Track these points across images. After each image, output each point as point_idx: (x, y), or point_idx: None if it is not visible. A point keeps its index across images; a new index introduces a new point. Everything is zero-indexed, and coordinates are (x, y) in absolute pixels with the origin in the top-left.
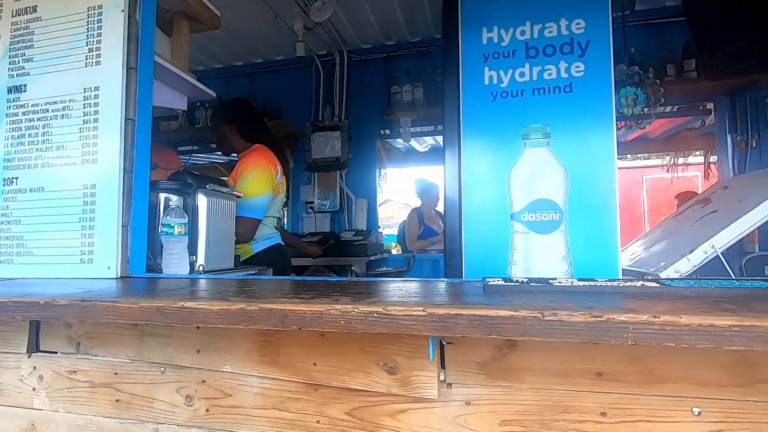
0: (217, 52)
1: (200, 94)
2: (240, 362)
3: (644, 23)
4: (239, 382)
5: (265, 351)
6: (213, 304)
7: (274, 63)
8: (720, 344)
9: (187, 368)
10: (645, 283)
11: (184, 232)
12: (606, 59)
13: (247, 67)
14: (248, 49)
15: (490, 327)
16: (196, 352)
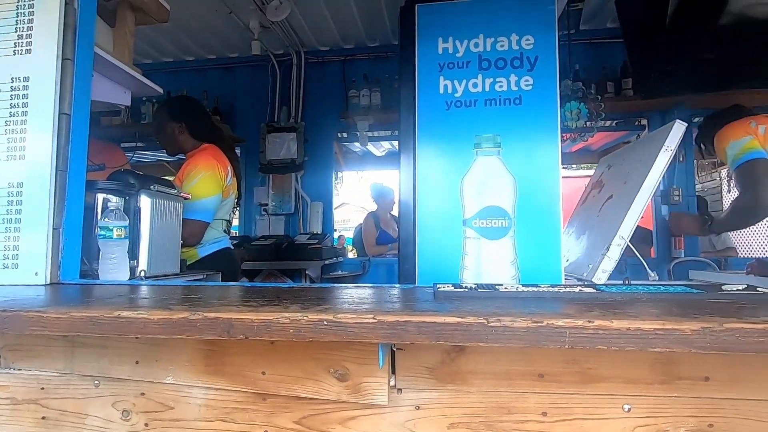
0: (166, 46)
1: (145, 90)
2: (183, 373)
3: (588, 42)
4: (182, 393)
5: (211, 360)
6: (153, 313)
7: (228, 60)
8: (645, 346)
9: (124, 381)
10: (583, 289)
11: (124, 236)
12: (552, 75)
13: (198, 63)
14: (200, 45)
15: (438, 333)
16: (135, 364)
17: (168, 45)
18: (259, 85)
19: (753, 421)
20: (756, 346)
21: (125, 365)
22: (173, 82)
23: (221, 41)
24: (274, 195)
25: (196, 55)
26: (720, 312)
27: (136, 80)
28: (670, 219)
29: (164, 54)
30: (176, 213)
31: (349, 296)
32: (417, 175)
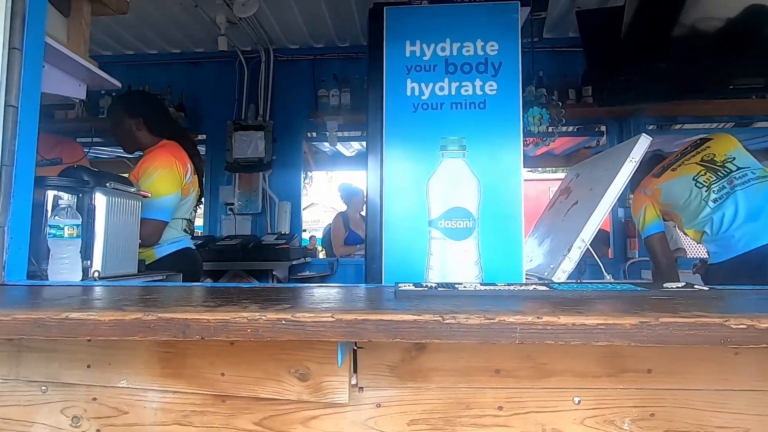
0: (127, 38)
1: (102, 83)
2: (138, 376)
3: (551, 50)
4: (137, 397)
5: (167, 363)
6: (104, 314)
7: (194, 55)
8: (589, 340)
9: (74, 385)
10: (537, 287)
11: (76, 235)
12: (515, 80)
13: (162, 57)
14: (164, 38)
15: (395, 331)
16: (87, 368)
17: (129, 37)
18: (226, 82)
19: (690, 410)
20: (687, 338)
21: (76, 369)
22: (135, 75)
23: (186, 35)
24: (241, 194)
25: (159, 48)
26: (658, 308)
27: (91, 73)
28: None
29: (125, 46)
30: (134, 211)
31: (310, 296)
32: (384, 176)
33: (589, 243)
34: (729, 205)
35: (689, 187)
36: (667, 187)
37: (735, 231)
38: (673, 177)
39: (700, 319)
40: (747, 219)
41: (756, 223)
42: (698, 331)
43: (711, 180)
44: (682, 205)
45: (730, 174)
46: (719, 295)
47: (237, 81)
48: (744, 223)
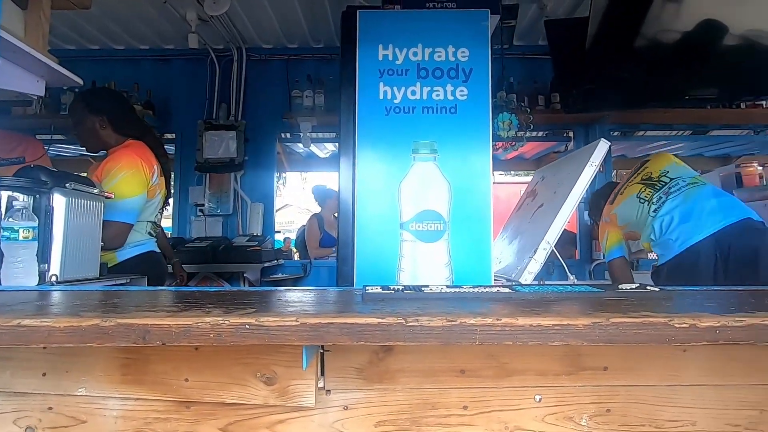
0: (91, 32)
1: (62, 79)
2: (97, 384)
3: (521, 57)
4: (96, 405)
5: (129, 369)
6: (59, 320)
7: (164, 52)
8: (545, 341)
9: (29, 395)
10: (500, 289)
11: (32, 238)
12: (485, 86)
13: (130, 53)
14: (131, 34)
15: (359, 334)
16: (42, 376)
17: (93, 31)
18: (197, 80)
19: (643, 405)
20: (635, 337)
21: (30, 378)
22: (101, 71)
23: (155, 32)
24: (212, 195)
25: (126, 44)
26: (611, 308)
27: (51, 69)
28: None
29: (90, 41)
30: (96, 213)
31: (277, 299)
32: (356, 179)
33: (554, 244)
34: (665, 211)
35: (635, 204)
36: (620, 210)
37: (672, 233)
38: (622, 200)
39: (647, 319)
40: (681, 221)
41: (688, 224)
42: (645, 330)
43: (650, 194)
44: (635, 222)
45: (665, 185)
46: (668, 295)
47: (208, 79)
48: (678, 225)
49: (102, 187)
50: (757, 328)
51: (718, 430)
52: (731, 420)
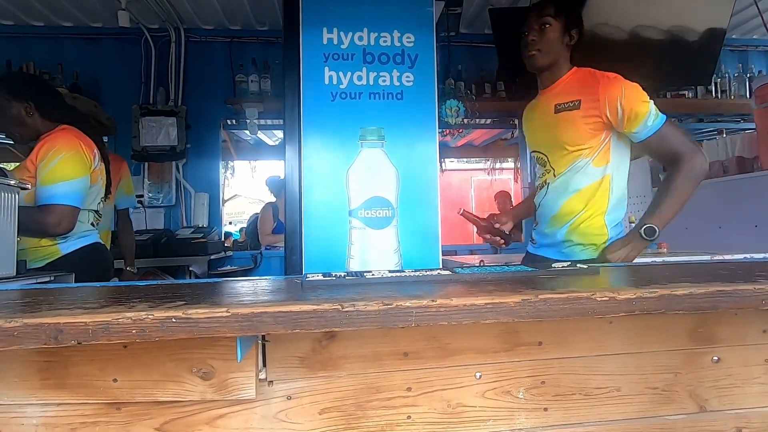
0: (3, 5)
1: None
2: (12, 391)
3: (469, 45)
4: (13, 414)
5: (48, 373)
6: None
7: (91, 30)
8: (478, 319)
9: None
10: (441, 272)
11: None
12: (431, 72)
13: (51, 30)
14: (51, 9)
15: (294, 322)
16: None
17: (5, 4)
18: (130, 62)
19: (574, 375)
20: (561, 311)
21: None
22: (17, 50)
23: (78, 7)
24: (151, 185)
25: (46, 21)
26: (542, 286)
27: None
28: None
29: (2, 15)
30: (10, 206)
31: (211, 291)
32: (303, 166)
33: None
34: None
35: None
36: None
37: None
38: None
39: (572, 294)
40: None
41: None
42: (570, 305)
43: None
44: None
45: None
46: (595, 271)
47: (143, 61)
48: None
49: (39, 172)
50: (668, 298)
51: (638, 393)
52: (650, 383)
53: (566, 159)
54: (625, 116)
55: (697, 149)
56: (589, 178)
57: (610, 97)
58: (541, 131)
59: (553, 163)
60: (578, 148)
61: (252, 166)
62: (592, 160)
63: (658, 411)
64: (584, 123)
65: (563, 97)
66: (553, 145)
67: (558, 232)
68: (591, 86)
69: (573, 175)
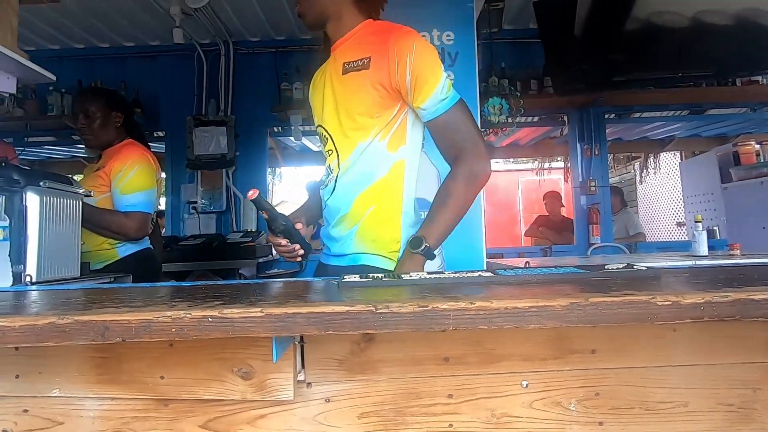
0: (76, 31)
1: (34, 76)
2: (71, 384)
3: (512, 41)
4: (73, 406)
5: (103, 369)
6: (14, 319)
7: (150, 48)
8: (521, 323)
9: (3, 398)
10: (482, 274)
11: (3, 237)
12: (472, 70)
13: (115, 51)
14: (116, 31)
15: (327, 323)
16: (15, 378)
17: (77, 30)
18: (185, 76)
19: (632, 387)
20: (616, 317)
21: (4, 381)
22: (87, 70)
23: (140, 28)
24: (204, 192)
25: (111, 42)
26: (594, 289)
27: (21, 66)
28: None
29: (74, 40)
30: (73, 212)
31: (249, 291)
32: None
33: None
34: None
35: None
36: None
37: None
38: None
39: (628, 297)
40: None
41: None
42: (626, 309)
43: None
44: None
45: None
46: (655, 274)
47: (196, 75)
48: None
49: (116, 183)
50: (744, 304)
51: (710, 409)
52: (723, 399)
53: (354, 138)
54: (413, 80)
55: (481, 147)
56: (383, 164)
57: (399, 52)
58: (326, 99)
59: (339, 144)
60: (368, 122)
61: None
62: (386, 141)
63: (732, 430)
64: (374, 88)
65: (352, 53)
66: (338, 119)
67: (347, 237)
68: (382, 41)
69: (363, 160)
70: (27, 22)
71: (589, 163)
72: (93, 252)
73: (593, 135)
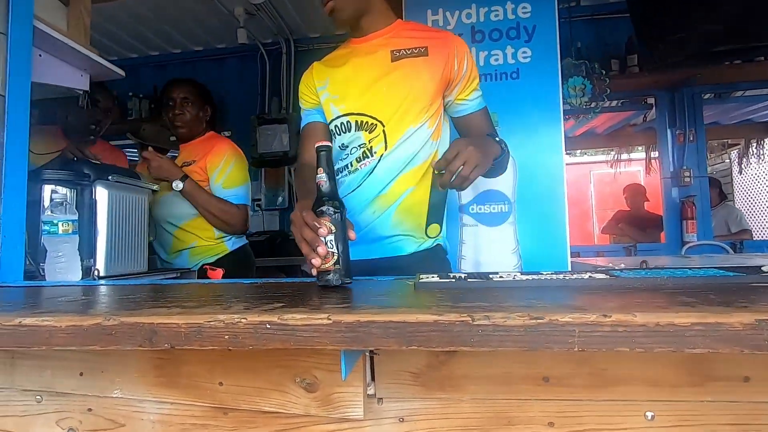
0: (152, 39)
1: (105, 72)
2: (131, 385)
3: (590, 18)
4: (133, 408)
5: (161, 371)
6: (61, 319)
7: (217, 51)
8: (681, 347)
9: (69, 395)
10: (593, 275)
11: (72, 231)
12: (552, 44)
13: (187, 56)
14: (186, 36)
15: (410, 336)
16: (79, 376)
17: (153, 37)
18: (249, 76)
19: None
20: None
21: (69, 378)
22: (161, 76)
23: (207, 31)
24: (267, 189)
25: (183, 47)
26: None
27: (93, 62)
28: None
29: (150, 47)
30: (141, 206)
31: (313, 291)
32: None
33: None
34: None
35: None
36: None
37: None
38: None
39: None
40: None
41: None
42: None
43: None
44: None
45: None
46: None
47: (259, 74)
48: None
49: (215, 178)
50: None
51: None
52: None
53: (406, 121)
54: (467, 75)
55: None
56: (426, 149)
57: (459, 48)
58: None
59: (390, 127)
60: (422, 107)
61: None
62: (432, 130)
63: None
64: (430, 74)
65: (402, 43)
66: (392, 103)
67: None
68: (440, 36)
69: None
70: (110, 32)
71: (682, 151)
72: (206, 246)
73: (687, 118)
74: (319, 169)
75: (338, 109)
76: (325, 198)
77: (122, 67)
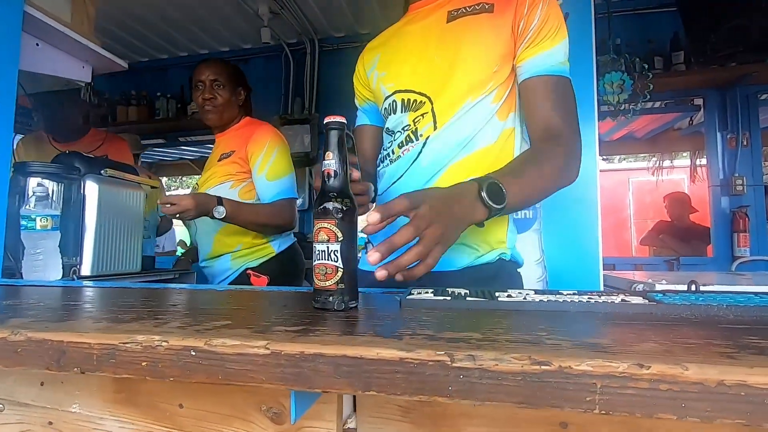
0: (180, 41)
1: (108, 65)
2: (90, 400)
3: (631, 13)
4: (94, 425)
5: (121, 385)
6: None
7: (242, 52)
8: (758, 420)
9: (30, 406)
10: (627, 298)
11: (52, 227)
12: (587, 36)
13: (213, 56)
14: (213, 37)
15: (366, 378)
16: (40, 385)
17: (181, 39)
18: (273, 76)
19: None
20: None
21: (30, 387)
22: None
23: (233, 31)
24: None
25: (210, 48)
26: None
27: (95, 54)
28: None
29: (179, 48)
30: (136, 203)
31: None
32: None
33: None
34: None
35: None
36: None
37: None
38: None
39: None
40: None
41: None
42: None
43: None
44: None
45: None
46: None
47: (283, 75)
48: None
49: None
50: None
51: None
52: None
53: (462, 93)
54: (539, 26)
55: (579, 143)
56: (490, 129)
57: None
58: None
59: (439, 103)
60: (484, 75)
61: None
62: (500, 104)
63: None
64: (495, 32)
65: (462, 1)
66: (442, 73)
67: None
68: None
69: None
70: (140, 35)
71: (734, 157)
72: (250, 250)
73: (740, 120)
74: (327, 153)
75: (386, 89)
76: (332, 193)
77: (151, 69)
